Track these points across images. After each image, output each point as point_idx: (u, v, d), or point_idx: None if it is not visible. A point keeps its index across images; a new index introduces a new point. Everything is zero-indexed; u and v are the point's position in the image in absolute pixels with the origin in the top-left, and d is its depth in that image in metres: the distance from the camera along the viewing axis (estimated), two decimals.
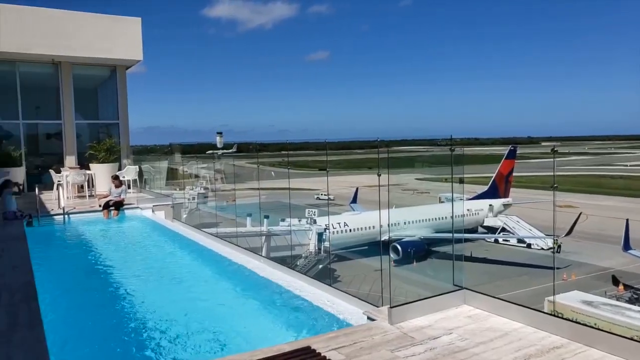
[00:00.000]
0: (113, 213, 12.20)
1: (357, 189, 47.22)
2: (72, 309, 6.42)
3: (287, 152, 10.70)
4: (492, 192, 45.95)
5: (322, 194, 52.08)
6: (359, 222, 33.28)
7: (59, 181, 13.95)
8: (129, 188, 14.73)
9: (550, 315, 4.97)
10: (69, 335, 5.27)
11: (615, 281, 27.40)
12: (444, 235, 32.04)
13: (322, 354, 4.10)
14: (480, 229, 43.08)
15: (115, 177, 13.16)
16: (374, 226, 32.18)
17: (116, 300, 6.93)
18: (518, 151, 52.76)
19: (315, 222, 25.99)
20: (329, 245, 25.57)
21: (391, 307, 4.87)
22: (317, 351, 4.16)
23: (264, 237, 23.79)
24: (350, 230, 32.62)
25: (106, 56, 15.80)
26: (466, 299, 5.31)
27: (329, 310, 5.96)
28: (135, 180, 15.91)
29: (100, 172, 15.36)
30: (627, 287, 26.63)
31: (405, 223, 35.69)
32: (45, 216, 11.52)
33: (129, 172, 15.79)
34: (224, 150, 24.34)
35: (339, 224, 32.31)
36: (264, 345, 4.52)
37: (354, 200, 46.07)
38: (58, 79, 16.19)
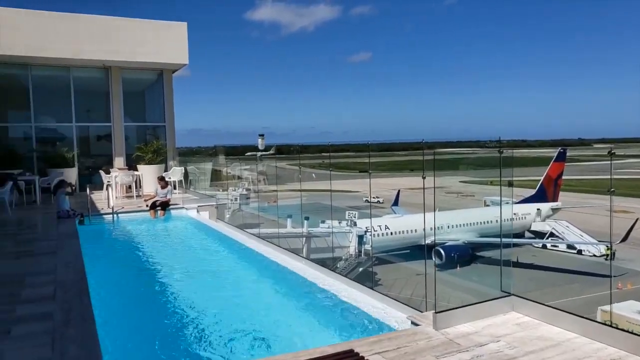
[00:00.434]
0: (159, 213, 12.52)
1: (399, 191, 46.68)
2: (121, 304, 6.60)
3: (329, 154, 10.61)
4: (540, 196, 44.36)
5: (372, 196, 51.98)
6: (401, 225, 32.85)
7: (108, 182, 14.44)
8: (174, 189, 15.10)
9: (607, 325, 4.69)
10: (118, 330, 5.40)
11: None
12: (490, 239, 31.15)
13: (365, 358, 4.03)
14: (527, 233, 41.64)
15: (161, 178, 13.51)
16: (416, 229, 31.67)
17: (162, 296, 7.08)
18: (568, 153, 50.71)
19: (355, 224, 25.85)
20: (369, 248, 25.36)
21: (436, 313, 4.74)
22: (361, 355, 4.08)
23: (304, 238, 23.89)
24: (392, 234, 32.24)
25: (153, 60, 16.22)
26: (514, 305, 5.11)
27: (371, 313, 5.87)
28: (181, 181, 16.28)
29: (147, 173, 15.81)
30: None
31: (448, 227, 34.95)
32: (95, 215, 11.94)
33: (175, 173, 16.17)
34: (262, 152, 24.62)
35: (379, 226, 31.98)
36: (306, 346, 4.48)
37: (396, 203, 45.57)
38: (108, 83, 16.78)
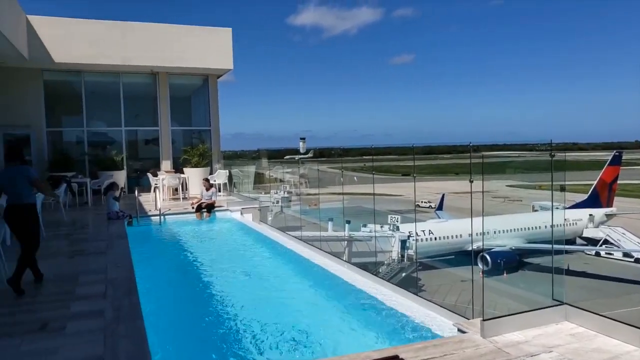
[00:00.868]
0: (205, 215, 12.78)
1: (444, 195, 45.82)
2: (167, 303, 6.75)
3: (372, 157, 10.49)
4: (593, 201, 42.41)
5: (422, 201, 51.51)
6: (445, 230, 32.19)
7: (156, 184, 14.87)
8: (219, 191, 15.38)
9: None
10: (164, 328, 5.52)
11: None
12: (540, 246, 29.99)
13: None
14: (579, 240, 39.89)
15: (206, 180, 13.80)
16: (460, 235, 30.96)
17: (207, 296, 7.20)
18: (624, 156, 48.28)
19: (398, 228, 25.54)
20: (413, 253, 24.98)
21: (484, 320, 4.59)
22: None
23: (346, 242, 23.79)
24: (436, 239, 31.64)
25: (199, 66, 16.59)
26: (568, 315, 4.88)
27: (415, 319, 5.76)
28: (225, 183, 16.58)
29: (193, 176, 16.21)
30: None
31: (495, 232, 33.94)
32: (143, 216, 12.30)
33: (220, 176, 16.48)
34: (301, 155, 24.72)
35: (423, 231, 31.45)
36: (349, 350, 4.43)
37: (440, 208, 44.75)
38: (156, 89, 17.32)
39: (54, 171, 14.38)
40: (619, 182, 44.68)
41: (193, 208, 12.97)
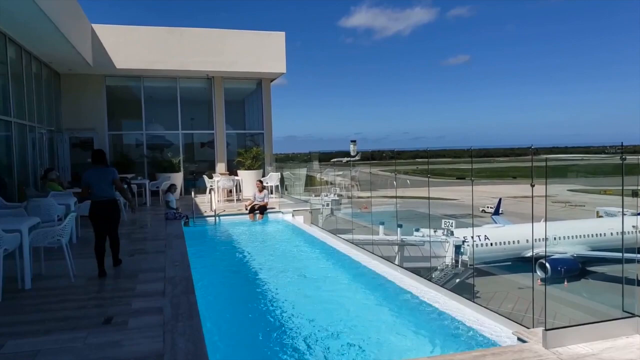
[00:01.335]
0: (258, 216, 12.99)
1: (500, 199, 44.35)
2: (221, 302, 6.89)
3: (427, 160, 10.25)
4: None
5: (488, 206, 50.26)
6: (502, 235, 31.09)
7: (211, 186, 15.29)
8: (271, 193, 15.59)
9: None
10: (219, 326, 5.62)
11: None
12: (606, 254, 28.38)
13: None
14: None
15: (260, 182, 14.03)
16: (518, 241, 29.83)
17: (260, 296, 7.28)
18: None
19: (452, 233, 24.92)
20: (467, 259, 24.28)
21: (546, 330, 4.37)
22: None
23: (397, 246, 23.47)
24: (492, 244, 30.62)
25: (253, 70, 16.88)
26: None
27: (471, 325, 5.59)
28: (277, 186, 16.79)
29: (247, 178, 16.53)
30: None
31: (555, 238, 32.42)
32: (199, 217, 12.65)
33: (272, 178, 16.71)
34: (347, 158, 24.59)
35: (479, 236, 30.51)
36: (403, 355, 4.35)
37: (497, 212, 43.32)
38: (211, 93, 17.79)
39: None
40: None
41: (247, 209, 13.21)
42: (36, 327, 4.65)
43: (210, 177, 15.97)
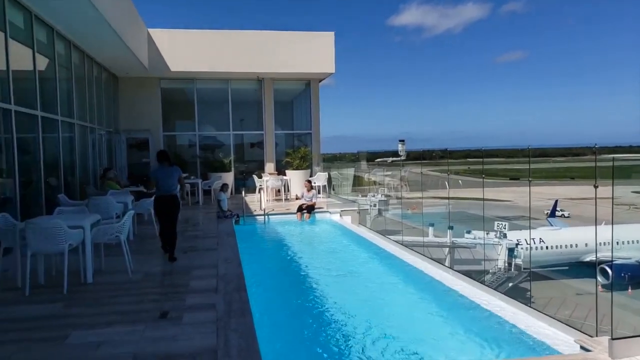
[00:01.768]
0: (305, 216, 13.04)
1: (557, 201, 42.57)
2: (271, 300, 6.95)
3: (482, 160, 9.94)
4: None
5: (558, 209, 48.61)
6: (558, 239, 29.82)
7: (260, 185, 15.51)
8: (318, 193, 15.63)
9: None
10: (269, 323, 5.67)
11: None
12: None
13: None
14: None
15: (308, 182, 14.10)
16: (576, 244, 28.54)
17: (309, 296, 7.30)
18: None
19: (505, 236, 24.14)
20: (521, 262, 23.43)
21: (613, 339, 4.12)
22: None
23: (448, 248, 22.96)
24: (547, 248, 29.43)
25: (303, 71, 16.99)
26: None
27: (528, 331, 5.38)
28: (325, 186, 16.81)
29: (294, 178, 16.65)
30: None
31: (617, 243, 30.74)
32: (249, 216, 12.86)
33: (320, 178, 16.75)
34: (392, 158, 24.27)
35: (533, 239, 29.44)
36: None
37: (552, 214, 41.61)
38: (261, 94, 18.05)
39: None
40: None
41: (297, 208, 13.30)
42: (98, 319, 4.85)
43: (260, 177, 16.20)
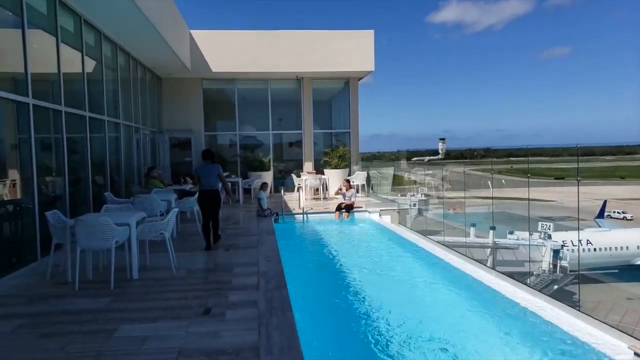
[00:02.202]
0: (344, 215, 13.01)
1: (605, 202, 40.88)
2: (310, 297, 6.98)
3: (527, 158, 9.63)
4: None
5: (614, 211, 47.08)
6: (607, 240, 28.63)
7: (299, 184, 15.60)
8: (357, 192, 15.58)
9: None
10: (310, 321, 5.68)
11: None
12: None
13: None
14: None
15: (347, 182, 14.06)
16: (627, 246, 27.34)
17: (350, 295, 7.29)
18: None
19: (550, 237, 23.36)
20: (566, 264, 22.63)
21: None
22: None
23: (489, 249, 22.44)
24: (595, 250, 28.31)
25: (342, 70, 16.95)
26: None
27: (578, 336, 5.22)
28: (364, 185, 16.74)
29: (333, 177, 16.65)
30: None
31: None
32: (288, 215, 12.96)
33: (358, 177, 16.69)
34: (430, 157, 23.89)
35: (580, 241, 28.39)
36: None
37: (601, 215, 39.99)
38: (300, 93, 18.14)
39: None
40: None
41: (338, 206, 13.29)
42: (144, 314, 5.00)
43: (298, 176, 16.29)
